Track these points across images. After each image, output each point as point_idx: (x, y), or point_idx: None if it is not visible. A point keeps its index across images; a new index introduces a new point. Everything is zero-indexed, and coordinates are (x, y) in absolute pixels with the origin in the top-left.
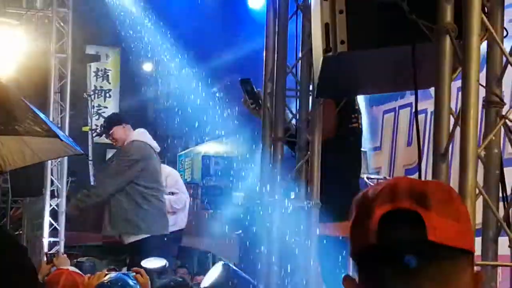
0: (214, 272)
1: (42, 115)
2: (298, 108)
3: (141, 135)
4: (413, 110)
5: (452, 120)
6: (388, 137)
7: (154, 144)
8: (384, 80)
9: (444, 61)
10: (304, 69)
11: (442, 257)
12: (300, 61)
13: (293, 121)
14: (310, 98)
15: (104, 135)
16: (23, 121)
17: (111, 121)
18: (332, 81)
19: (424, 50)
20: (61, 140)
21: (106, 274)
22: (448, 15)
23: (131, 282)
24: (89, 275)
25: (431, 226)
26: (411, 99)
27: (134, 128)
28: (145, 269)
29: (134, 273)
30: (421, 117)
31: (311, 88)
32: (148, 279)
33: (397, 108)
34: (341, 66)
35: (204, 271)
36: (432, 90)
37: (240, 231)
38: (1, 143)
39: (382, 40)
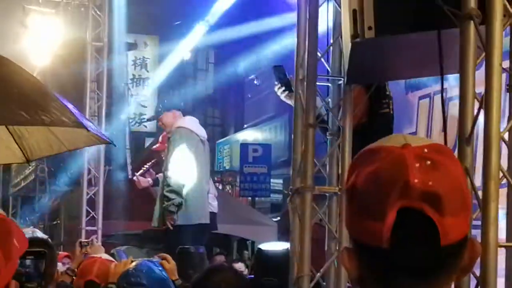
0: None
1: (70, 105)
2: (329, 94)
3: (188, 122)
4: (447, 95)
5: (477, 105)
6: (423, 122)
7: (201, 132)
8: (412, 66)
9: (468, 47)
10: (335, 55)
11: (450, 256)
12: (331, 47)
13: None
14: (342, 84)
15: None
16: (49, 111)
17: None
18: (361, 67)
19: (452, 36)
20: (88, 130)
21: (132, 261)
22: (472, 1)
23: (156, 269)
24: (115, 262)
25: (444, 232)
26: (446, 84)
27: None
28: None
29: (160, 259)
30: (454, 103)
31: (342, 74)
32: (174, 264)
33: (432, 94)
34: (369, 52)
35: (243, 258)
36: None
37: (279, 217)
38: (28, 132)
39: (409, 26)
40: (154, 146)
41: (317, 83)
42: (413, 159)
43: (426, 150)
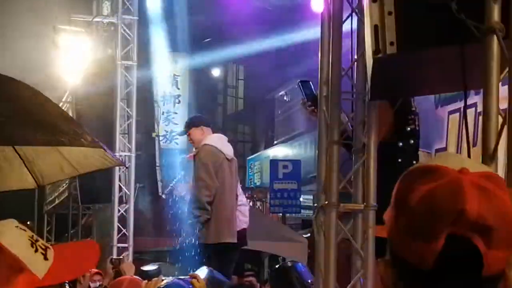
0: None
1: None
2: (353, 110)
3: (214, 139)
4: (477, 110)
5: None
6: (453, 138)
7: (227, 150)
8: (436, 81)
9: (492, 61)
10: (359, 71)
11: (487, 286)
12: (355, 63)
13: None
14: (366, 100)
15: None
16: (68, 133)
17: (190, 123)
18: (384, 83)
19: (477, 50)
20: (105, 150)
21: (163, 280)
22: (496, 15)
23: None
24: (146, 281)
25: (488, 264)
26: (476, 98)
27: None
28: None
29: (191, 278)
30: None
31: (366, 90)
32: (204, 283)
33: (462, 109)
34: (391, 67)
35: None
36: None
37: (309, 234)
38: (38, 157)
39: (431, 41)
40: (187, 155)
41: (342, 99)
42: (470, 186)
43: (482, 178)
